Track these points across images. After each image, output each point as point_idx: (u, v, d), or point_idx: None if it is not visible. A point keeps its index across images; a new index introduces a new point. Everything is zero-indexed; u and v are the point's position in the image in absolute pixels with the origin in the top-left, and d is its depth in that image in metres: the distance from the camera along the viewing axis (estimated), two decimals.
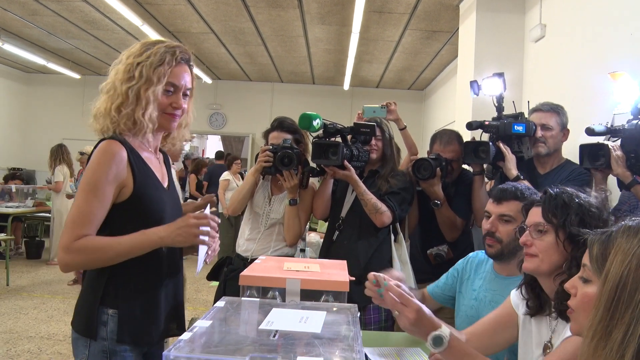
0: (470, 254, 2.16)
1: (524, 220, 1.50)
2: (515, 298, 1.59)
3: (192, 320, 1.60)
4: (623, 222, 1.01)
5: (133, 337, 1.51)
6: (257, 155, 2.67)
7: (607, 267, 0.97)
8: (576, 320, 1.10)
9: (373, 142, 2.66)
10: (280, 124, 2.70)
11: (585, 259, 1.07)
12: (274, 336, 1.13)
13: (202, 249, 1.56)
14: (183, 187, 8.92)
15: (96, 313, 1.49)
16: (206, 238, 1.49)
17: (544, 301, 1.46)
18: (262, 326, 1.21)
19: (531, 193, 1.85)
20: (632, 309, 0.89)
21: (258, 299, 1.51)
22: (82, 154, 7.13)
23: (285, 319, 1.27)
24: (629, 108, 2.31)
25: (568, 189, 1.42)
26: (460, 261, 2.16)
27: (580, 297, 1.07)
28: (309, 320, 1.25)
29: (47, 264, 7.31)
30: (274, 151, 2.56)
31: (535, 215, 1.44)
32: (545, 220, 1.40)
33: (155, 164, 1.65)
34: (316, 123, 2.43)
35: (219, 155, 9.29)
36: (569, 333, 1.28)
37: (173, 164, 1.96)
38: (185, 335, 1.09)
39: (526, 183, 2.43)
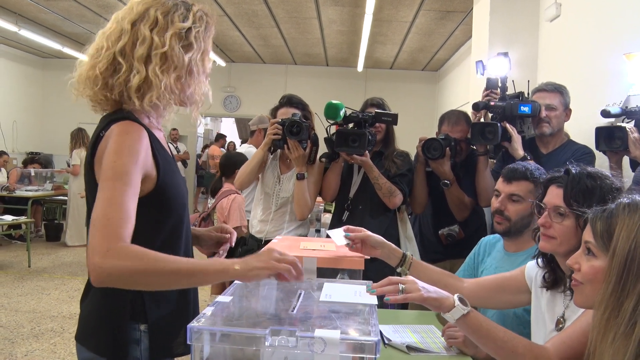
0: (482, 239, 2.20)
1: (541, 195, 1.48)
2: (531, 271, 1.60)
3: (212, 298, 1.64)
4: (620, 200, 1.08)
5: (167, 350, 1.30)
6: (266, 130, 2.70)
7: (613, 243, 1.02)
8: (582, 293, 1.14)
9: (377, 124, 2.68)
10: (289, 100, 2.73)
11: (588, 236, 1.11)
12: (293, 310, 1.18)
13: None
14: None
15: (127, 330, 1.24)
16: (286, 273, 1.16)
17: (559, 277, 1.48)
18: (322, 298, 1.27)
19: (540, 173, 1.89)
20: None
21: None
22: None
23: (340, 292, 1.33)
24: None
25: (589, 169, 1.40)
26: (473, 249, 2.20)
27: (587, 270, 1.11)
28: (362, 294, 1.30)
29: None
30: (283, 124, 2.57)
31: (556, 197, 1.41)
32: (567, 205, 1.38)
33: (165, 144, 1.39)
34: (343, 112, 2.47)
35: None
36: (582, 310, 1.31)
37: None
38: (208, 310, 1.13)
39: (533, 163, 2.45)
